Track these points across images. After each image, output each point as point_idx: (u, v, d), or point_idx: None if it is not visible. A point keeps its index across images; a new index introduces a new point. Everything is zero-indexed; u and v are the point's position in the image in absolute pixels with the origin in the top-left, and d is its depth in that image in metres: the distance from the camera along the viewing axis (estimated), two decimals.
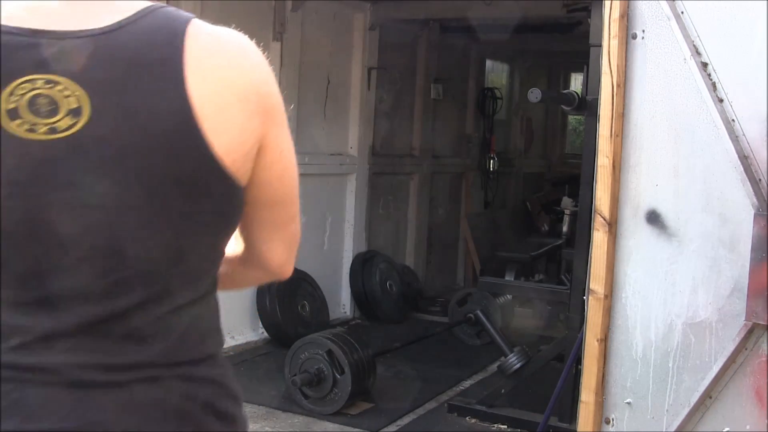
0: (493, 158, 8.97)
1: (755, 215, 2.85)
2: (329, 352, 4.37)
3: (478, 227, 8.35)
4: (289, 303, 5.79)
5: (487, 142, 8.98)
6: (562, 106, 4.08)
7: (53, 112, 1.06)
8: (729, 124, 2.90)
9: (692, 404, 3.01)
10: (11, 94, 1.06)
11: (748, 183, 2.87)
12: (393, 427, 4.35)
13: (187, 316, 1.19)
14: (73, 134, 1.06)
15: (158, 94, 1.09)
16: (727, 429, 2.98)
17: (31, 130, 1.05)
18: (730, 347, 2.92)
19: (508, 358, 4.64)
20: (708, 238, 2.97)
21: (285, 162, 1.26)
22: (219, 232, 1.22)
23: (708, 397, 2.99)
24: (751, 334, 2.89)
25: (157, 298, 1.15)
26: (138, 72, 1.10)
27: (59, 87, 1.07)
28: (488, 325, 5.20)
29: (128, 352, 1.13)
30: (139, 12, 1.14)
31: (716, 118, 2.92)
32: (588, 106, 3.82)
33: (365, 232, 7.02)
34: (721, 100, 2.92)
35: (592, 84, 3.61)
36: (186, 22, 1.19)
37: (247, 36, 1.25)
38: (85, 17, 1.11)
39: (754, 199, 2.86)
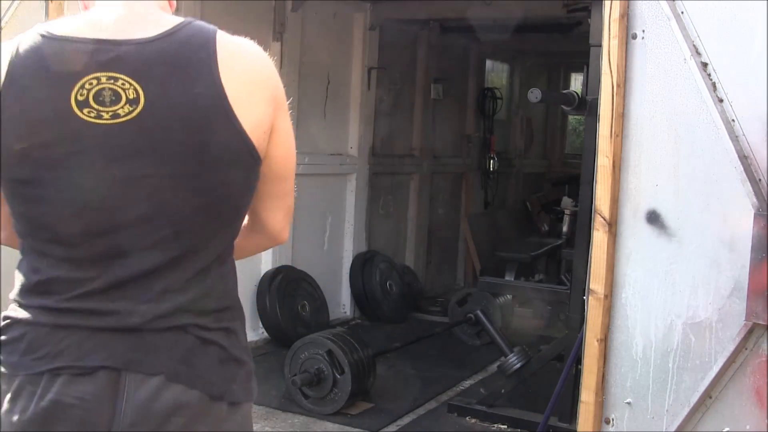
0: (493, 158, 8.97)
1: (755, 215, 2.85)
2: (329, 352, 4.37)
3: (478, 227, 8.36)
4: (289, 303, 5.79)
5: (487, 142, 8.98)
6: (562, 106, 4.08)
7: (115, 101, 1.39)
8: (729, 124, 2.91)
9: (692, 404, 3.01)
10: (81, 88, 1.39)
11: (748, 183, 2.87)
12: (393, 427, 4.35)
13: (213, 272, 1.53)
14: (132, 119, 1.39)
15: (198, 86, 1.43)
16: (727, 429, 2.98)
17: (97, 117, 1.39)
18: (730, 347, 2.92)
19: (508, 358, 4.64)
20: (708, 238, 2.97)
21: (288, 143, 1.61)
22: (243, 201, 1.55)
23: (708, 397, 2.99)
24: (751, 334, 2.89)
25: (195, 254, 1.48)
26: (179, 70, 1.43)
27: (120, 82, 1.40)
28: (488, 325, 5.21)
29: (166, 303, 1.45)
30: (177, 25, 1.50)
31: (716, 118, 2.92)
32: (588, 106, 3.82)
33: (365, 232, 7.02)
34: (721, 100, 2.92)
35: (592, 84, 3.61)
36: (214, 33, 1.54)
37: (248, 38, 1.60)
38: (136, 29, 1.45)
39: (754, 199, 2.86)
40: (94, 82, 1.40)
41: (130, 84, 1.41)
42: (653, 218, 3.09)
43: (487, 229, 8.41)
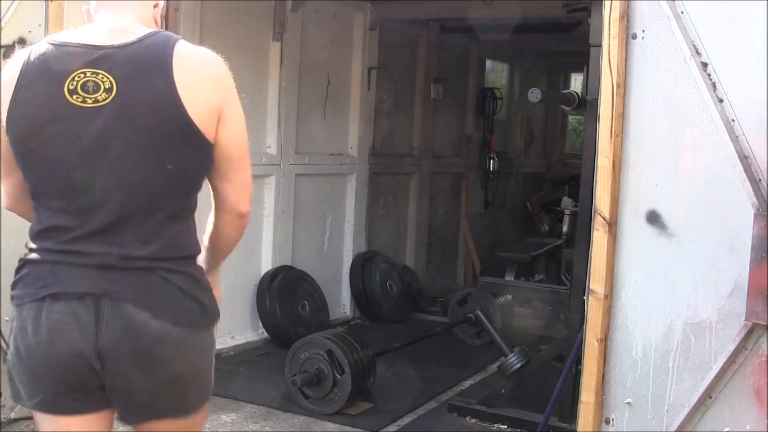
0: (493, 158, 8.96)
1: (755, 215, 2.85)
2: (329, 352, 4.37)
3: (478, 227, 8.35)
4: (289, 303, 5.79)
5: (487, 142, 8.98)
6: (562, 106, 4.08)
7: (96, 90, 1.92)
8: (729, 124, 2.90)
9: (692, 404, 3.01)
10: (72, 80, 1.93)
11: (748, 183, 2.87)
12: (393, 427, 4.35)
13: (172, 228, 2.03)
14: (107, 103, 1.92)
15: (156, 80, 1.93)
16: (727, 429, 2.98)
17: (83, 102, 1.92)
18: (730, 347, 2.92)
19: (508, 358, 4.64)
20: (708, 238, 2.97)
21: (236, 130, 2.07)
22: (194, 174, 2.06)
23: (708, 397, 2.99)
24: (751, 334, 2.89)
25: (153, 211, 1.98)
26: (142, 67, 1.95)
27: (99, 76, 1.93)
28: (488, 325, 5.20)
29: (135, 249, 1.96)
30: (146, 34, 2.01)
31: (716, 118, 2.92)
32: (588, 106, 3.82)
33: (365, 232, 7.02)
34: (721, 100, 2.92)
35: (592, 84, 3.60)
36: (175, 41, 2.01)
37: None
38: (116, 37, 1.99)
39: (754, 199, 2.86)
40: (82, 75, 1.94)
41: (107, 77, 1.93)
42: (653, 218, 3.09)
43: (487, 229, 8.40)
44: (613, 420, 3.21)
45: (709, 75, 2.95)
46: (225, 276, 5.67)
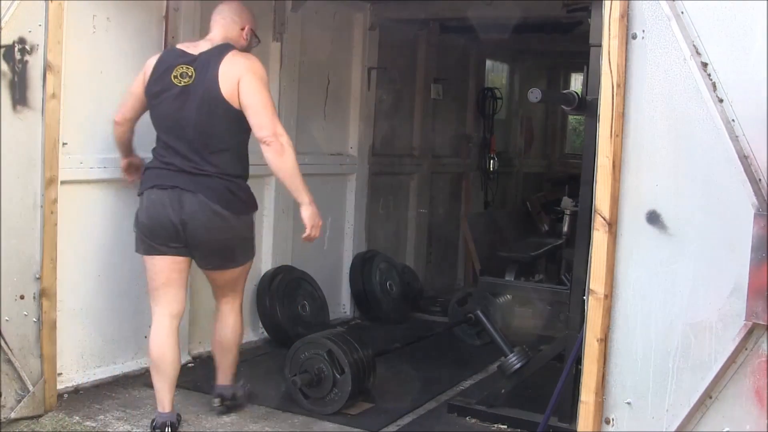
0: (493, 158, 8.96)
1: (755, 215, 2.85)
2: (329, 352, 4.37)
3: (478, 227, 8.34)
4: (289, 303, 5.79)
5: (487, 142, 8.97)
6: (562, 106, 4.08)
7: (185, 77, 3.89)
8: (729, 124, 2.91)
9: (692, 404, 3.01)
10: (176, 70, 3.91)
11: (748, 183, 2.87)
12: (393, 427, 4.35)
13: (223, 155, 3.87)
14: (189, 84, 3.88)
15: (210, 72, 3.85)
16: (727, 429, 2.98)
17: (179, 82, 3.89)
18: (730, 347, 2.92)
19: (508, 358, 4.64)
20: (708, 238, 2.97)
21: (248, 89, 3.82)
22: (227, 125, 3.86)
23: (708, 397, 2.99)
24: (751, 334, 2.89)
25: (210, 144, 3.85)
26: (206, 65, 3.87)
27: (188, 69, 3.89)
28: (488, 325, 5.20)
29: (201, 165, 3.84)
30: (216, 46, 3.96)
31: (716, 118, 2.93)
32: (588, 106, 3.81)
33: (365, 232, 7.02)
34: (721, 100, 2.92)
35: (592, 84, 3.60)
36: (229, 50, 3.93)
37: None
38: (202, 47, 3.98)
39: (754, 199, 2.86)
40: (180, 68, 3.90)
41: (191, 69, 3.88)
42: (653, 218, 3.09)
43: (487, 229, 8.39)
44: (613, 420, 3.21)
45: (709, 75, 2.95)
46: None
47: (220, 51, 3.88)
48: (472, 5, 6.27)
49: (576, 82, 10.73)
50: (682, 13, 2.99)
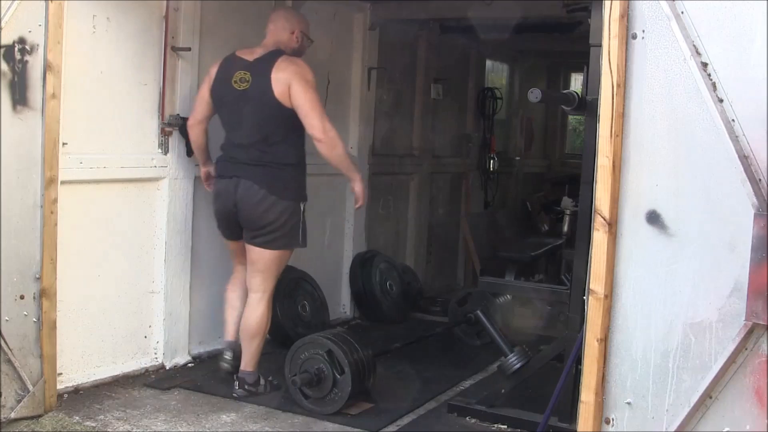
0: (493, 158, 8.95)
1: (755, 215, 2.85)
2: (329, 352, 4.37)
3: (478, 227, 8.33)
4: (289, 303, 5.79)
5: (487, 142, 8.97)
6: (562, 106, 4.08)
7: (243, 81, 4.51)
8: (729, 124, 2.91)
9: (692, 404, 3.01)
10: (235, 75, 4.53)
11: (748, 183, 2.87)
12: (393, 427, 4.35)
13: (275, 148, 4.53)
14: (247, 88, 4.51)
15: (264, 76, 4.46)
16: (727, 429, 2.98)
17: (238, 86, 4.52)
18: (730, 347, 2.92)
19: (508, 358, 4.64)
20: (708, 238, 2.97)
21: (298, 95, 4.41)
22: (281, 122, 4.50)
23: (708, 397, 2.99)
24: (751, 334, 2.89)
25: (265, 139, 4.51)
26: (260, 70, 4.49)
27: (246, 74, 4.52)
28: (488, 325, 5.20)
29: (259, 156, 4.50)
30: (268, 52, 4.58)
31: (716, 118, 2.92)
32: (588, 106, 3.81)
33: (365, 232, 7.01)
34: (721, 100, 2.92)
35: (592, 84, 3.60)
36: (280, 55, 4.54)
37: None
38: (258, 54, 4.60)
39: (754, 199, 2.86)
40: (239, 74, 4.53)
41: (248, 74, 4.51)
42: (653, 218, 3.09)
43: (487, 229, 8.38)
44: (613, 420, 3.21)
45: (709, 75, 2.95)
46: (224, 276, 5.67)
47: (272, 57, 4.49)
48: (472, 5, 6.27)
49: (576, 82, 10.73)
50: (682, 13, 2.99)
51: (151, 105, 4.92)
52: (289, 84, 4.39)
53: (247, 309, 4.69)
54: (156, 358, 5.06)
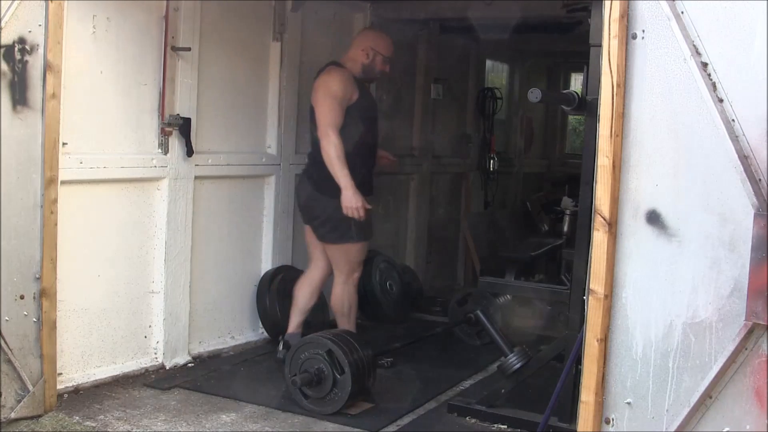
0: (493, 158, 8.95)
1: (755, 215, 2.85)
2: (329, 352, 4.37)
3: (478, 227, 8.33)
4: (289, 303, 5.78)
5: (487, 142, 8.97)
6: (562, 106, 4.08)
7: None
8: (729, 124, 2.91)
9: (692, 404, 3.01)
10: None
11: (748, 183, 2.87)
12: (393, 427, 4.35)
13: (318, 153, 5.00)
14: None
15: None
16: (727, 429, 2.98)
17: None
18: (730, 347, 2.92)
19: (508, 358, 4.64)
20: (708, 238, 2.97)
21: (315, 103, 5.02)
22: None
23: (708, 397, 2.99)
24: (751, 334, 2.89)
25: (314, 141, 5.14)
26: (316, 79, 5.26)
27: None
28: (488, 325, 5.20)
29: (313, 155, 5.17)
30: (326, 63, 5.22)
31: (716, 118, 2.93)
32: (588, 106, 3.81)
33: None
34: (721, 100, 2.93)
35: (592, 84, 3.60)
36: (327, 65, 5.19)
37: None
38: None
39: (754, 199, 2.86)
40: None
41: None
42: (653, 218, 3.09)
43: (487, 229, 8.38)
44: (613, 420, 3.21)
45: (709, 75, 2.95)
46: (224, 276, 5.67)
47: (324, 67, 5.13)
48: (472, 5, 6.27)
49: (576, 82, 10.73)
50: (682, 13, 2.99)
51: (151, 105, 4.92)
52: (316, 91, 4.98)
53: (332, 290, 5.28)
54: (156, 358, 5.06)
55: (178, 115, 5.00)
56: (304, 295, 5.34)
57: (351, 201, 4.84)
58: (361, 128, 5.07)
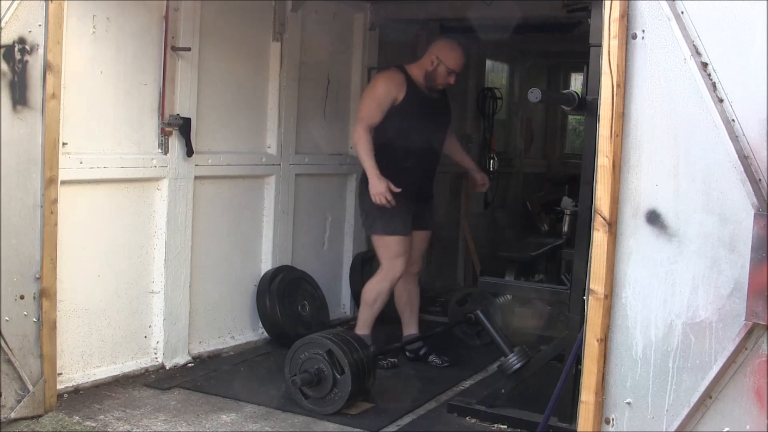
0: (493, 158, 8.94)
1: (755, 215, 2.85)
2: (329, 352, 4.37)
3: (478, 227, 8.33)
4: (289, 303, 5.79)
5: (487, 142, 8.96)
6: (562, 106, 4.08)
7: None
8: (729, 124, 2.91)
9: (692, 404, 3.01)
10: None
11: (748, 183, 2.87)
12: (393, 427, 4.35)
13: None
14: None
15: None
16: (727, 429, 2.98)
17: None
18: (730, 347, 2.92)
19: (508, 358, 4.63)
20: (708, 238, 2.97)
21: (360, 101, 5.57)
22: None
23: (708, 397, 2.99)
24: (751, 334, 2.89)
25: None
26: None
27: None
28: (488, 325, 5.19)
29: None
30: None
31: (716, 118, 2.92)
32: (588, 106, 3.81)
33: (365, 232, 7.00)
34: (721, 100, 2.92)
35: (592, 84, 3.60)
36: (391, 66, 5.52)
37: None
38: None
39: (754, 199, 2.86)
40: None
41: None
42: (653, 218, 3.09)
43: (487, 229, 8.38)
44: (613, 420, 3.21)
45: (709, 75, 2.95)
46: (224, 276, 5.67)
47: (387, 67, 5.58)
48: (472, 5, 6.27)
49: (576, 82, 10.73)
50: (682, 13, 2.99)
51: (151, 105, 4.92)
52: (365, 89, 5.44)
53: None
54: (156, 358, 5.06)
55: (178, 115, 5.00)
56: (401, 294, 5.67)
57: (375, 187, 4.98)
58: (410, 127, 5.17)
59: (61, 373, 4.38)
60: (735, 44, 2.91)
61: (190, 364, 5.19)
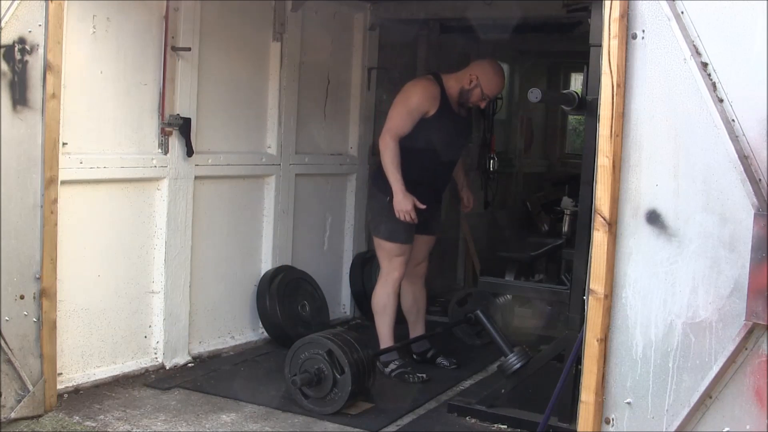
0: (493, 158, 8.93)
1: (755, 215, 2.85)
2: (329, 352, 4.37)
3: (478, 227, 8.33)
4: (289, 303, 5.79)
5: (487, 142, 8.96)
6: (562, 106, 4.08)
7: None
8: (729, 124, 2.91)
9: (692, 404, 3.01)
10: None
11: (748, 183, 2.87)
12: (393, 427, 4.35)
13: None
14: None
15: None
16: (727, 429, 2.98)
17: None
18: (730, 347, 2.92)
19: (508, 358, 4.63)
20: (708, 238, 2.97)
21: (390, 108, 5.22)
22: None
23: (708, 397, 2.99)
24: (751, 334, 2.89)
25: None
26: None
27: None
28: (488, 325, 5.19)
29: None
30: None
31: (716, 118, 2.93)
32: (588, 106, 3.81)
33: (365, 232, 7.01)
34: (721, 100, 2.93)
35: (592, 84, 3.60)
36: (427, 75, 5.43)
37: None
38: None
39: (754, 199, 2.86)
40: None
41: None
42: (653, 218, 3.09)
43: (487, 229, 8.37)
44: (613, 420, 3.21)
45: (709, 75, 2.95)
46: (224, 276, 5.68)
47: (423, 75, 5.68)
48: (472, 5, 6.27)
49: (576, 82, 10.72)
50: (682, 13, 2.99)
51: (151, 105, 4.92)
52: (398, 94, 5.17)
53: None
54: (156, 358, 5.06)
55: (178, 115, 5.00)
56: (404, 295, 5.51)
57: (400, 204, 4.92)
58: (433, 142, 5.08)
59: (61, 373, 4.38)
60: (735, 44, 2.91)
61: (190, 364, 5.19)
